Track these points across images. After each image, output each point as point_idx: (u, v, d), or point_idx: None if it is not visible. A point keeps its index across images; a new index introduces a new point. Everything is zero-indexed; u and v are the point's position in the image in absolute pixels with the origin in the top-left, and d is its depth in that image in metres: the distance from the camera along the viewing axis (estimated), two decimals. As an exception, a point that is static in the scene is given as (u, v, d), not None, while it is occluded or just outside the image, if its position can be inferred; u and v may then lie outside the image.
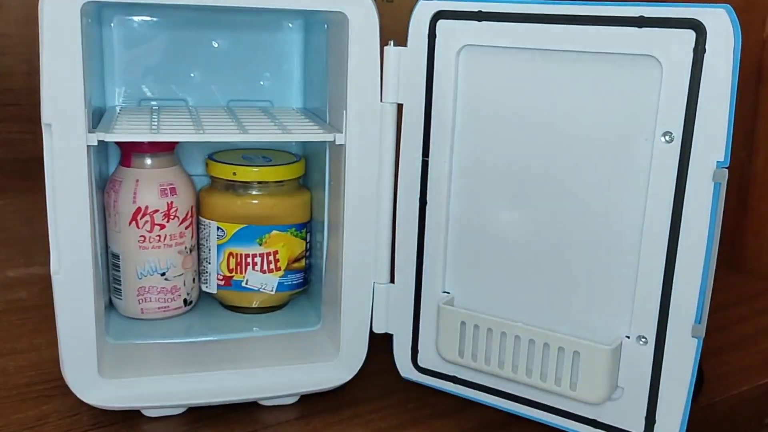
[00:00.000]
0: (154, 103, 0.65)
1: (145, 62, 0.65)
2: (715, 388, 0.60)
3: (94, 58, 0.58)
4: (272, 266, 0.62)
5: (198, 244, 0.63)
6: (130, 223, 0.58)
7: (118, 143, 0.60)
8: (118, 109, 0.62)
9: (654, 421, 0.48)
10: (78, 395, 0.51)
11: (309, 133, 0.55)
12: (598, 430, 0.51)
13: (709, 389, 0.59)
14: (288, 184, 0.63)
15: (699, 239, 0.45)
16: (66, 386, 0.51)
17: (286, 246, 0.62)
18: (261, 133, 0.54)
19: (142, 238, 0.59)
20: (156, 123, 0.55)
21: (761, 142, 0.64)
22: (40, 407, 0.54)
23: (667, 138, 0.44)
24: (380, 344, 0.58)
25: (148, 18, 0.64)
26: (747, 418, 0.58)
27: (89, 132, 0.48)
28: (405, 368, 0.58)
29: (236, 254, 0.62)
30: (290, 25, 0.68)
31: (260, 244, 0.62)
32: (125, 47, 0.64)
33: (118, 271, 0.60)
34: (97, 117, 0.56)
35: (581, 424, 0.51)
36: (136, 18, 0.64)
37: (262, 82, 0.68)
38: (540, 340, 0.50)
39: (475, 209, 0.53)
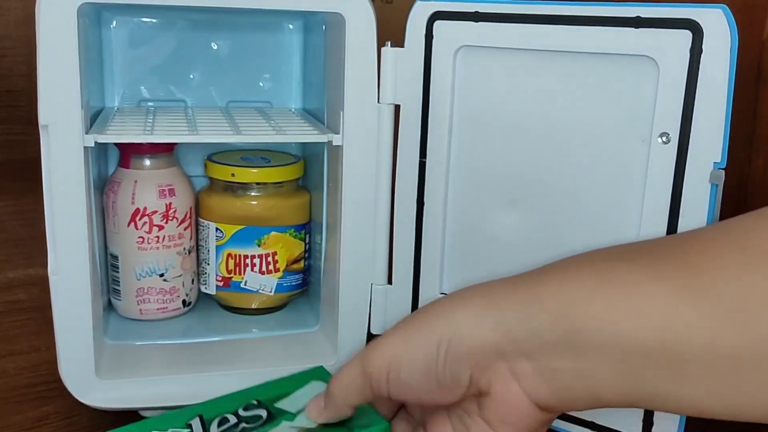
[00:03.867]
0: (151, 104, 0.65)
1: (144, 63, 0.65)
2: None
3: (92, 59, 0.58)
4: (271, 267, 0.62)
5: (197, 245, 0.63)
6: (128, 224, 0.58)
7: (116, 144, 0.60)
8: (115, 110, 0.62)
9: (651, 424, 0.48)
10: (76, 396, 0.51)
11: (304, 134, 0.55)
12: None
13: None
14: (287, 185, 0.63)
15: (696, 240, 0.44)
16: (66, 387, 0.51)
17: (285, 247, 0.62)
18: (255, 134, 0.54)
19: (141, 239, 0.59)
20: (151, 124, 0.55)
21: (761, 142, 0.63)
22: (40, 408, 0.54)
23: (664, 139, 0.44)
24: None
25: (147, 19, 0.64)
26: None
27: (86, 133, 0.48)
28: (403, 369, 0.58)
29: (235, 255, 0.62)
30: (290, 26, 0.68)
31: (259, 245, 0.62)
32: (125, 48, 0.64)
33: (117, 272, 0.60)
34: (96, 118, 0.56)
35: (578, 426, 0.51)
36: (135, 19, 0.64)
37: (261, 84, 0.68)
38: (537, 341, 0.50)
39: (472, 210, 0.53)
